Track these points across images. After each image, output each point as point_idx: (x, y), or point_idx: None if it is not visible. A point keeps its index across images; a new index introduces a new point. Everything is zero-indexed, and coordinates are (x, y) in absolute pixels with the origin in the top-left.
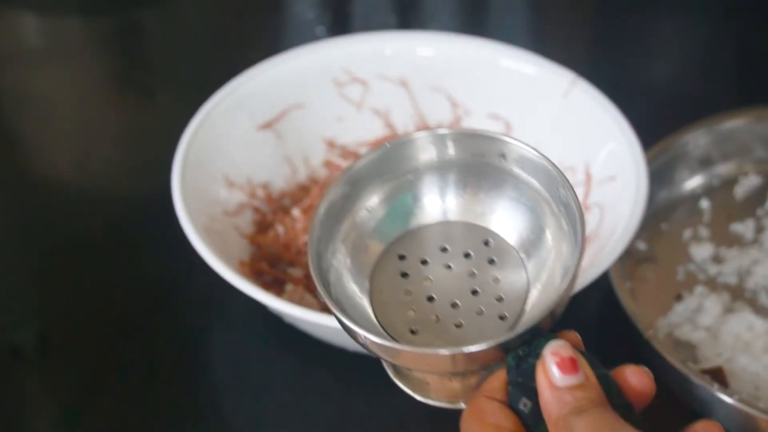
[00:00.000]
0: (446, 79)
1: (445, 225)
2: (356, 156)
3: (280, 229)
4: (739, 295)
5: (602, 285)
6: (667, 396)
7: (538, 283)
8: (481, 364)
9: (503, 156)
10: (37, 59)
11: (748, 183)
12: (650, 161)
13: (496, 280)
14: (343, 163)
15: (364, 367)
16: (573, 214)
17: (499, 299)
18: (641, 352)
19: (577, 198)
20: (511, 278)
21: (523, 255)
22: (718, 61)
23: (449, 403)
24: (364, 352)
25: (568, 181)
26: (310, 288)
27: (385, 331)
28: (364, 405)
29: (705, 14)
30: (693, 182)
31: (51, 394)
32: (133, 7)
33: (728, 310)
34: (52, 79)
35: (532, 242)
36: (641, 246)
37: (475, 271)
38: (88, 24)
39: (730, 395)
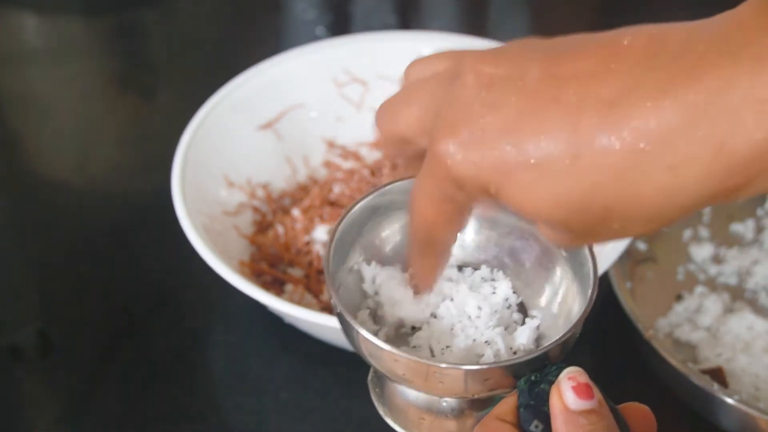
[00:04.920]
0: None
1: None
2: (356, 156)
3: (280, 229)
4: (739, 295)
5: (602, 285)
6: (667, 396)
7: (549, 314)
8: (491, 388)
9: None
10: (37, 59)
11: None
12: None
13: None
14: (344, 163)
15: (364, 368)
16: (586, 260)
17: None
18: (641, 352)
19: (590, 246)
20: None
21: (532, 290)
22: None
23: None
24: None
25: None
26: (310, 288)
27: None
28: (364, 405)
29: (705, 14)
30: None
31: (51, 394)
32: (133, 7)
33: (728, 310)
34: (52, 79)
35: (543, 282)
36: (641, 246)
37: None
38: (88, 24)
39: (730, 395)
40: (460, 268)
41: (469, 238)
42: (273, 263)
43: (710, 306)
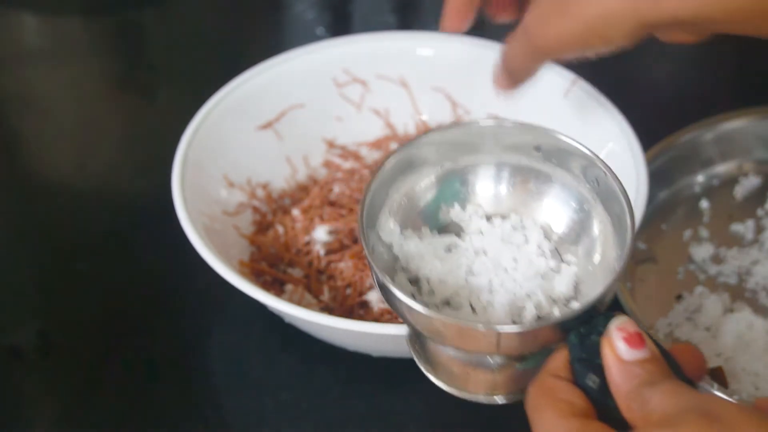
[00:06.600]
0: (446, 79)
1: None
2: (356, 156)
3: (280, 229)
4: (739, 295)
5: None
6: None
7: (589, 267)
8: (541, 345)
9: (538, 148)
10: (37, 59)
11: (748, 183)
12: (650, 161)
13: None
14: (344, 164)
15: (364, 367)
16: (621, 205)
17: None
18: None
19: (624, 190)
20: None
21: (568, 244)
22: (718, 61)
23: (486, 396)
24: (363, 351)
25: (616, 176)
26: (310, 288)
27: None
28: (364, 405)
29: None
30: (693, 182)
31: (51, 394)
32: (133, 7)
33: (728, 310)
34: (52, 79)
35: (579, 231)
36: (641, 246)
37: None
38: (88, 24)
39: (730, 395)
40: (488, 218)
41: (500, 186)
42: (273, 263)
43: (710, 306)
